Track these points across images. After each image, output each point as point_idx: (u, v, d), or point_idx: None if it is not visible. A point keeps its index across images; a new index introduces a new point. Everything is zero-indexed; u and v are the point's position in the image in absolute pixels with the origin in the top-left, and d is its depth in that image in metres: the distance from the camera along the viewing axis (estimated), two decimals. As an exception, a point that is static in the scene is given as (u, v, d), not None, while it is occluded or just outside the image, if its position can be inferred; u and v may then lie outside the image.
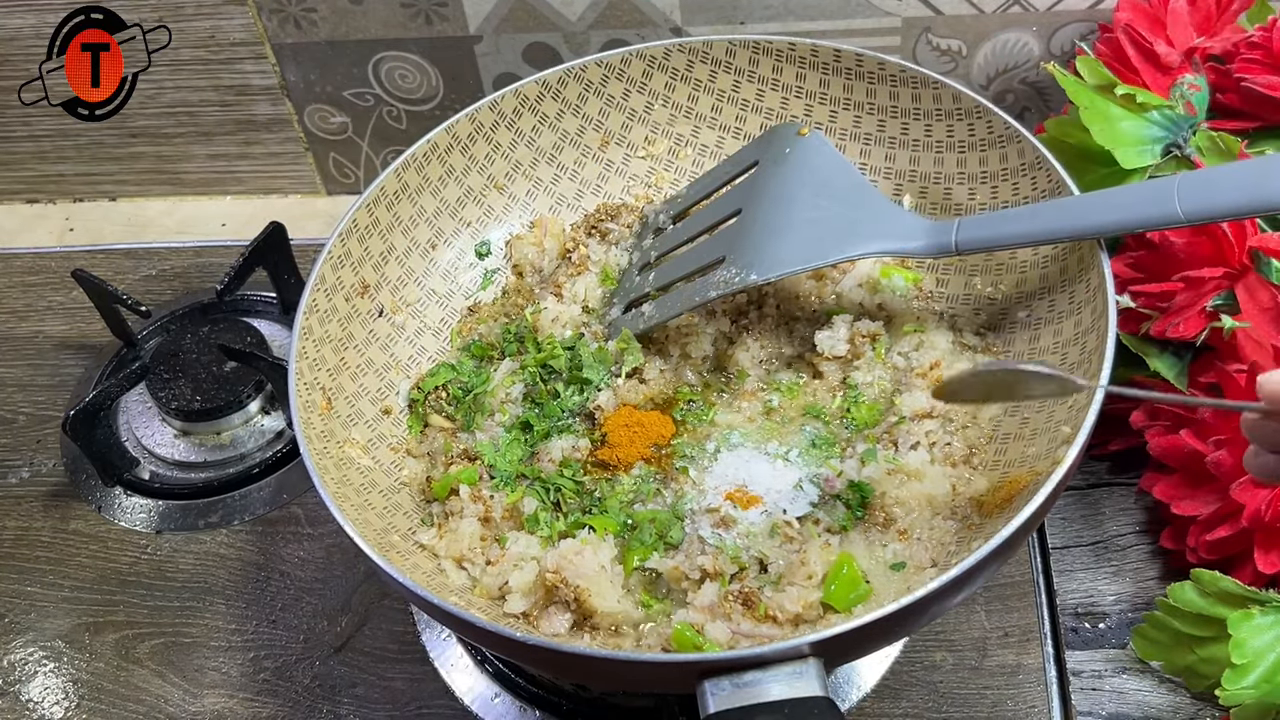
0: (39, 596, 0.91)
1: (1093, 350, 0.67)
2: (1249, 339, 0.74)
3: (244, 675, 0.85)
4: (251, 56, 1.09)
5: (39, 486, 0.98)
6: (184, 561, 0.92)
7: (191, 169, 1.20)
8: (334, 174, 1.19)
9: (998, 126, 0.78)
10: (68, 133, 1.17)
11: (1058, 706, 0.77)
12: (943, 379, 0.71)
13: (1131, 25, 0.85)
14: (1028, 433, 0.70)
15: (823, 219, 0.75)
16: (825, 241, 0.75)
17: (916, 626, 0.74)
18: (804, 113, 0.87)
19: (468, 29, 1.04)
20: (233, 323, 1.04)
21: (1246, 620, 0.69)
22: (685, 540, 0.71)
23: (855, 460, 0.73)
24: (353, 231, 0.81)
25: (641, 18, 1.01)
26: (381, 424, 0.80)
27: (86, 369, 1.07)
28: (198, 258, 1.14)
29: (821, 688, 0.55)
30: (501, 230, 0.91)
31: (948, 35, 0.99)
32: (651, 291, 0.81)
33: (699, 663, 0.57)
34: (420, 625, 0.86)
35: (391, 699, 0.82)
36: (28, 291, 1.14)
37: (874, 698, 0.78)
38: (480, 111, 0.87)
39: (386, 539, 0.70)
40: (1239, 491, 0.71)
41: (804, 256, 0.75)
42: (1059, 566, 0.83)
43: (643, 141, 0.92)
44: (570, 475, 0.75)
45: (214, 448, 0.99)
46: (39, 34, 1.08)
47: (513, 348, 0.83)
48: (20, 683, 0.86)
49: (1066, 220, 0.68)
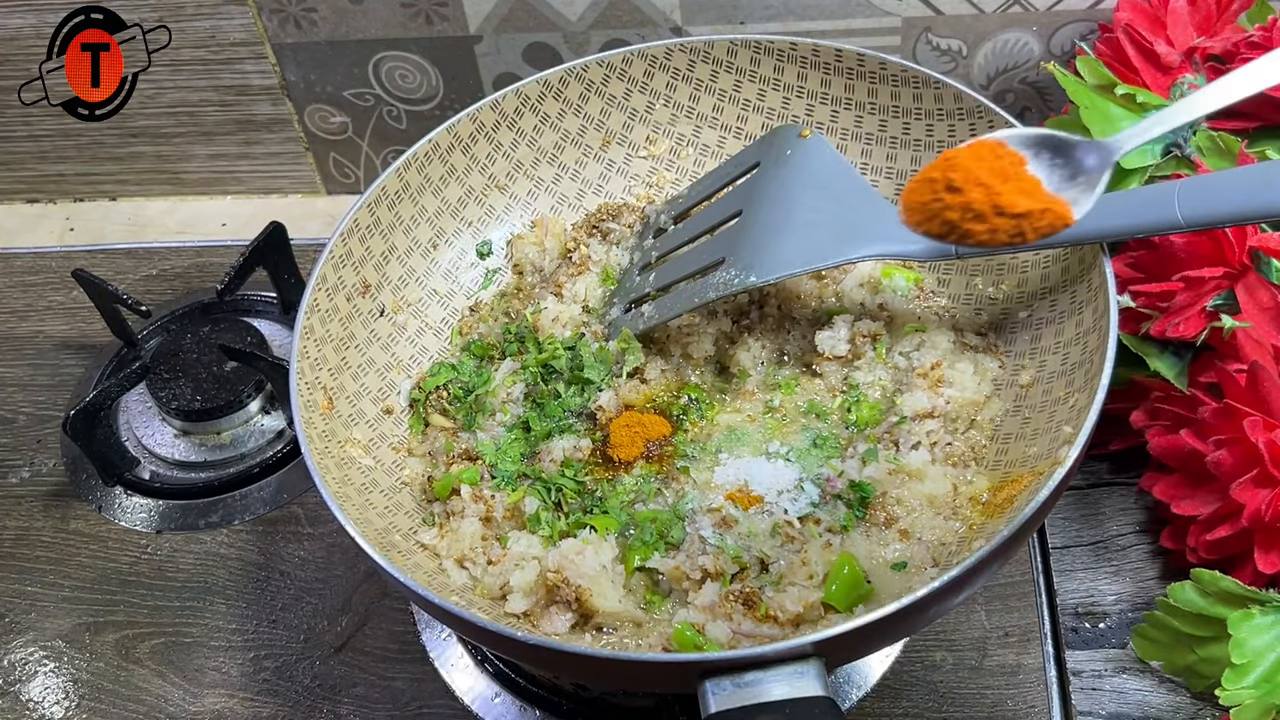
0: (39, 596, 0.91)
1: (1094, 350, 0.67)
2: (1249, 339, 0.74)
3: (244, 675, 0.85)
4: (251, 56, 1.09)
5: (39, 486, 0.98)
6: (184, 561, 0.92)
7: (191, 169, 1.20)
8: (334, 174, 1.19)
9: (999, 126, 0.78)
10: (68, 133, 1.17)
11: (1058, 706, 0.77)
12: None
13: (1131, 25, 0.85)
14: (1029, 432, 0.70)
15: (823, 221, 0.75)
16: (826, 243, 0.75)
17: (917, 626, 0.74)
18: (805, 112, 0.87)
19: (468, 29, 1.04)
20: (233, 323, 1.04)
21: (1246, 620, 0.69)
22: (686, 540, 0.71)
23: (856, 460, 0.73)
24: (354, 231, 0.81)
25: (642, 18, 1.01)
26: (383, 423, 0.80)
27: (86, 369, 1.07)
28: (198, 258, 1.14)
29: (822, 688, 0.55)
30: (503, 230, 0.91)
31: (948, 35, 0.99)
32: (652, 292, 0.81)
33: (700, 663, 0.57)
34: (420, 625, 0.86)
35: (392, 699, 0.82)
36: (28, 291, 1.14)
37: (874, 698, 0.78)
38: (482, 111, 0.87)
39: (388, 539, 0.70)
40: (1239, 491, 0.71)
41: (804, 258, 0.75)
42: (1059, 566, 0.83)
43: (644, 141, 0.92)
44: (571, 475, 0.75)
45: (214, 448, 0.99)
46: (39, 34, 1.08)
47: (514, 347, 0.83)
48: (20, 683, 0.86)
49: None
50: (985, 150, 0.59)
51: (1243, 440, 0.71)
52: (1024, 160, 0.59)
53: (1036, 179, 0.59)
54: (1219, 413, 0.74)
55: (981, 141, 0.60)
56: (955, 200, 0.59)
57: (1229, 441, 0.73)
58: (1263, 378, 0.72)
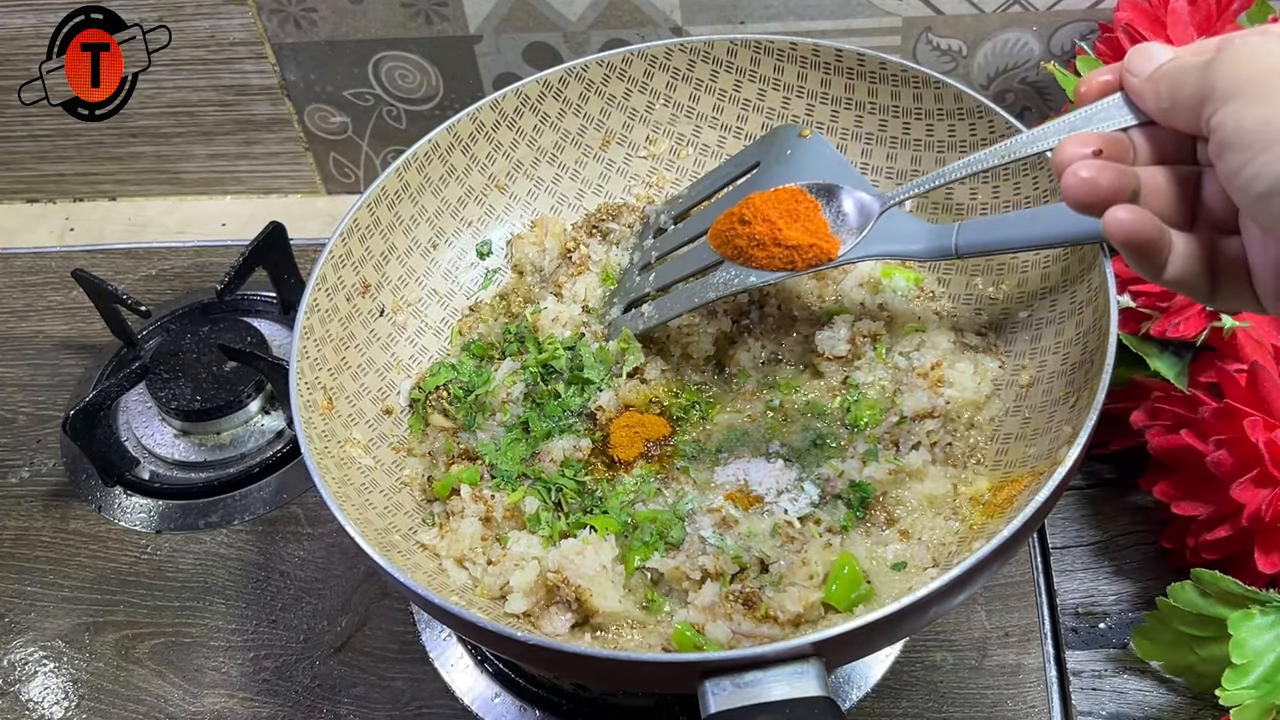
0: (39, 596, 0.91)
1: (1094, 350, 0.67)
2: (1249, 339, 0.74)
3: (244, 675, 0.85)
4: (251, 56, 1.09)
5: (39, 486, 0.98)
6: (184, 561, 0.92)
7: (191, 169, 1.20)
8: (334, 174, 1.19)
9: (999, 126, 0.78)
10: (68, 133, 1.17)
11: (1058, 706, 0.77)
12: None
13: (1131, 25, 0.85)
14: (1029, 433, 0.70)
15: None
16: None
17: (917, 626, 0.74)
18: (805, 112, 0.87)
19: (468, 29, 1.04)
20: (233, 322, 1.04)
21: (1246, 620, 0.69)
22: (686, 540, 0.71)
23: (856, 460, 0.73)
24: (354, 231, 0.81)
25: (642, 17, 1.01)
26: (383, 423, 0.80)
27: (86, 369, 1.07)
28: (198, 257, 1.14)
29: (822, 688, 0.55)
30: (503, 230, 0.91)
31: (948, 35, 0.99)
32: (652, 292, 0.81)
33: (700, 663, 0.57)
34: (420, 625, 0.86)
35: (391, 699, 0.82)
36: (28, 291, 1.14)
37: (874, 698, 0.78)
38: (481, 111, 0.87)
39: (387, 539, 0.70)
40: (1239, 491, 0.71)
41: (804, 258, 0.75)
42: (1059, 566, 0.83)
43: (644, 141, 0.92)
44: (571, 475, 0.75)
45: (214, 448, 0.99)
46: (39, 34, 1.08)
47: (513, 347, 0.83)
48: (20, 683, 0.86)
49: (1067, 224, 0.68)
50: (785, 194, 0.72)
51: (1243, 440, 0.71)
52: (818, 206, 0.71)
53: (825, 220, 0.71)
54: (1219, 413, 0.74)
55: (785, 188, 0.72)
56: (744, 230, 0.71)
57: (1229, 441, 0.73)
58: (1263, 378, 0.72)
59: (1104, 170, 0.52)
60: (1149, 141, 0.54)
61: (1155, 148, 0.54)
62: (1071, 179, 0.52)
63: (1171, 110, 0.52)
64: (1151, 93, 0.53)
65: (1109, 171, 0.52)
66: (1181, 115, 0.51)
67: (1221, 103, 0.48)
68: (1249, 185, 0.47)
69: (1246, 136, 0.47)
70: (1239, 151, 0.47)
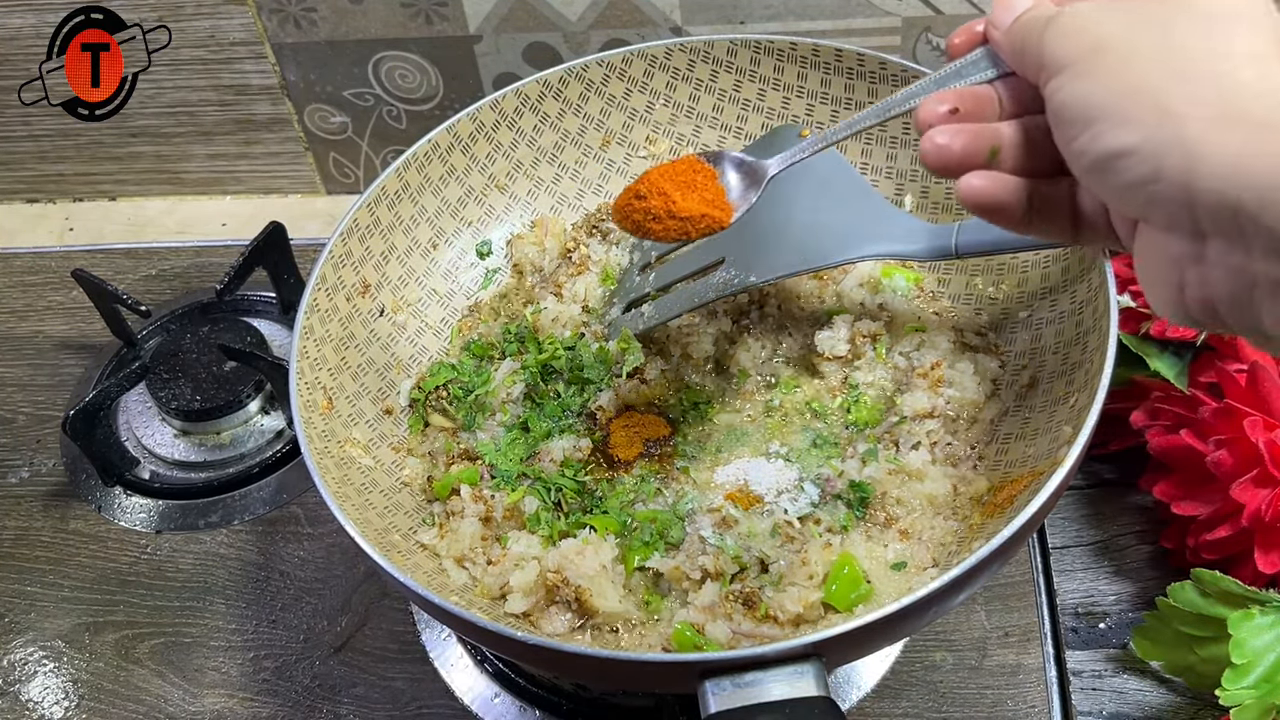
0: (39, 596, 0.91)
1: (1094, 350, 0.67)
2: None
3: (244, 675, 0.85)
4: (251, 56, 1.09)
5: (39, 486, 0.98)
6: (184, 561, 0.92)
7: (191, 169, 1.20)
8: (334, 174, 1.19)
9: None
10: (68, 133, 1.17)
11: (1058, 706, 0.77)
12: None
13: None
14: (1029, 433, 0.70)
15: (823, 221, 0.75)
16: (825, 244, 0.75)
17: (917, 626, 0.74)
18: (805, 112, 0.87)
19: (468, 29, 1.04)
20: (233, 322, 1.04)
21: (1246, 620, 0.69)
22: (686, 540, 0.71)
23: (856, 460, 0.73)
24: (354, 231, 0.81)
25: (641, 17, 1.01)
26: (382, 423, 0.80)
27: (86, 369, 1.07)
28: (198, 257, 1.14)
29: (822, 688, 0.55)
30: (502, 230, 0.91)
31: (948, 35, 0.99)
32: (652, 292, 0.81)
33: (700, 663, 0.57)
34: (420, 625, 0.86)
35: (391, 699, 0.82)
36: (28, 291, 1.14)
37: (874, 698, 0.78)
38: (481, 111, 0.87)
39: (387, 539, 0.70)
40: (1239, 491, 0.71)
41: (804, 259, 0.75)
42: (1059, 566, 0.83)
43: (644, 141, 0.92)
44: (571, 475, 0.75)
45: (214, 448, 0.99)
46: (39, 34, 1.08)
47: (513, 347, 0.83)
48: (20, 683, 0.86)
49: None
50: (682, 165, 0.69)
51: (1243, 440, 0.71)
52: (714, 174, 0.69)
53: (723, 188, 0.69)
54: (1219, 413, 0.74)
55: (683, 158, 0.70)
56: (640, 205, 0.69)
57: (1229, 441, 0.73)
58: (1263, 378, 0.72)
59: (958, 135, 0.51)
60: (1011, 93, 0.54)
61: (1018, 99, 0.53)
62: (927, 144, 0.52)
63: (1021, 67, 0.52)
64: (1007, 46, 0.52)
65: (963, 136, 0.51)
66: (1029, 73, 0.51)
67: (1052, 73, 0.48)
68: (1076, 160, 0.47)
69: (1071, 112, 0.47)
70: (1067, 126, 0.47)
